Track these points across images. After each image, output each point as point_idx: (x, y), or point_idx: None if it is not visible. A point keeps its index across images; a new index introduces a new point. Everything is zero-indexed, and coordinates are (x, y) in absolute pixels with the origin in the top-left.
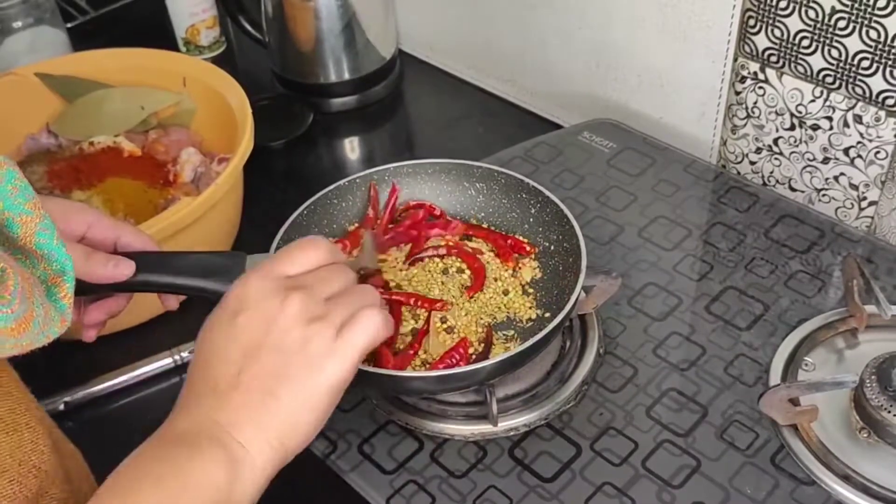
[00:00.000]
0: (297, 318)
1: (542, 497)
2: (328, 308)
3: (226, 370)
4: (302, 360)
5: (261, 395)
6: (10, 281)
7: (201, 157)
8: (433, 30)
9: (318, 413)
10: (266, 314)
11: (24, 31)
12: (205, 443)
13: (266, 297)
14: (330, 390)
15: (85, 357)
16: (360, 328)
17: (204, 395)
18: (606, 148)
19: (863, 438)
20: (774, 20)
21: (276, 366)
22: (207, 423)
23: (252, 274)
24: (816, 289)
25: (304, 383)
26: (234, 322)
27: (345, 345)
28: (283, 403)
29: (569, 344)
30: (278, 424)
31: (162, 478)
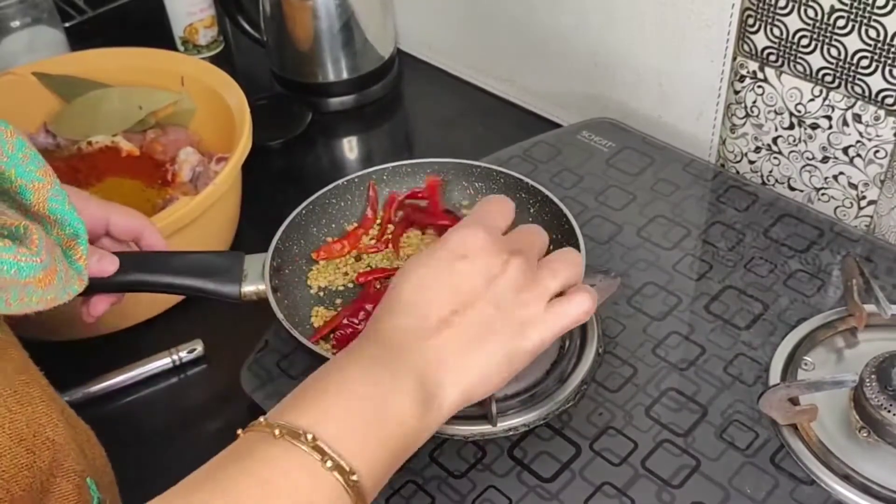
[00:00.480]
0: (516, 282)
1: (541, 497)
2: (542, 276)
3: (439, 306)
4: (512, 321)
5: (468, 341)
6: (35, 235)
7: (199, 157)
8: (432, 29)
9: (509, 372)
10: (489, 269)
11: (21, 30)
12: (405, 377)
13: (490, 252)
14: (528, 353)
15: (83, 357)
16: (570, 307)
17: (409, 327)
18: (605, 147)
19: (863, 438)
20: (773, 19)
21: (489, 319)
22: (410, 356)
23: (475, 225)
24: (816, 288)
25: (510, 341)
26: (454, 265)
27: (553, 318)
28: (484, 355)
29: (568, 343)
30: (474, 374)
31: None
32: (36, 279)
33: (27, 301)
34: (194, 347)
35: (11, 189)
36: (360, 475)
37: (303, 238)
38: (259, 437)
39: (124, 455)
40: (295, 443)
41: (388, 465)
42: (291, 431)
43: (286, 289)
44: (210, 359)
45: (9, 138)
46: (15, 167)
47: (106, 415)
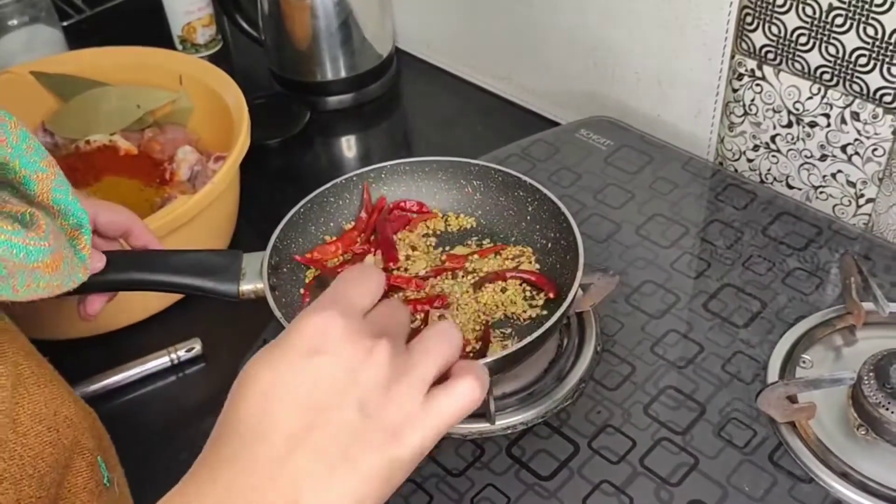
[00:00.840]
0: (385, 374)
1: (539, 495)
2: (414, 361)
3: (291, 423)
4: (384, 425)
5: (331, 461)
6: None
7: (198, 156)
8: (430, 27)
9: (389, 488)
10: (350, 363)
11: (19, 29)
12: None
13: (351, 339)
14: (408, 463)
15: (81, 356)
16: (453, 399)
17: (252, 453)
18: (603, 145)
19: (861, 436)
20: (771, 17)
21: (355, 427)
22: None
23: (329, 309)
24: (814, 286)
25: (382, 452)
26: (308, 364)
27: (434, 416)
28: (355, 474)
29: (566, 342)
30: (349, 494)
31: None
32: (44, 264)
33: (34, 287)
34: (192, 346)
35: (15, 180)
36: None
37: (301, 236)
38: None
39: (122, 453)
40: None
41: None
42: None
43: (284, 287)
44: (208, 357)
45: (13, 129)
46: (19, 158)
47: (104, 413)
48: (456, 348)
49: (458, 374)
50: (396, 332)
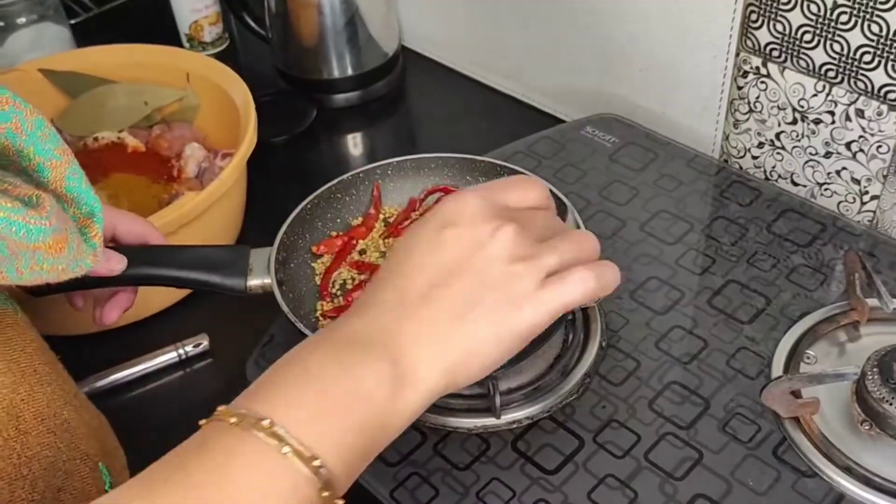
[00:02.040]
0: (507, 251)
1: (544, 489)
2: (539, 249)
3: (419, 280)
4: (500, 295)
5: (449, 315)
6: (46, 203)
7: (205, 153)
8: (436, 25)
9: (499, 352)
10: (476, 236)
11: (27, 27)
12: (377, 352)
13: (480, 218)
14: (519, 333)
15: (88, 352)
16: (568, 284)
17: (389, 300)
18: (609, 143)
19: (864, 431)
20: (776, 14)
21: (473, 291)
22: (386, 330)
23: (470, 192)
24: (818, 282)
25: (496, 317)
26: (440, 234)
27: (548, 295)
28: (468, 330)
29: (571, 337)
30: (456, 351)
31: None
32: (45, 244)
33: (38, 269)
34: (200, 342)
35: (30, 167)
36: (324, 461)
37: (308, 232)
38: (217, 428)
39: (130, 449)
40: (251, 430)
41: (359, 450)
42: (249, 418)
43: (291, 282)
44: (216, 353)
45: (28, 117)
46: (34, 145)
47: (112, 408)
48: (587, 253)
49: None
50: (531, 225)
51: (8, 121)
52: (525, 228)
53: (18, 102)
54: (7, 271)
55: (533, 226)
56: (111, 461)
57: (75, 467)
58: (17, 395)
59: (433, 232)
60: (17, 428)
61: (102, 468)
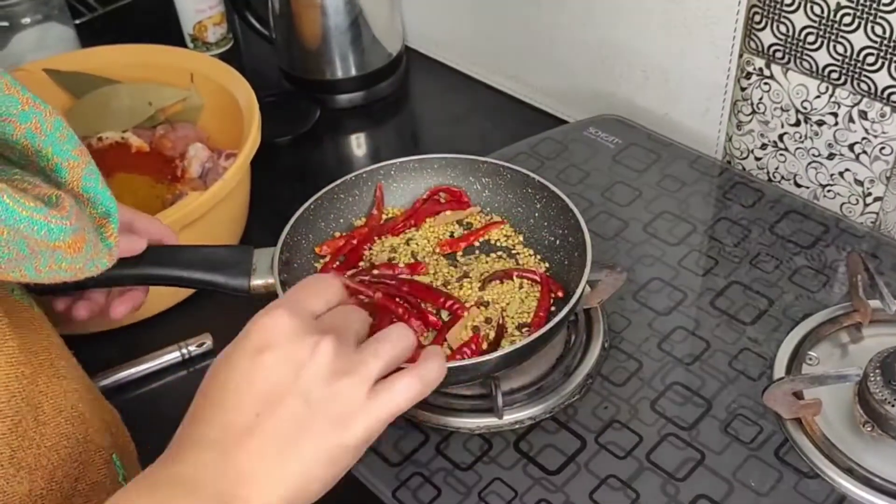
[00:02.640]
0: (329, 368)
1: (546, 489)
2: (362, 358)
3: (242, 411)
4: (328, 415)
5: (278, 446)
6: (66, 203)
7: (209, 153)
8: (439, 26)
9: (336, 471)
10: (295, 357)
11: (32, 27)
12: (206, 497)
13: (296, 337)
14: (353, 450)
15: (93, 351)
16: (395, 393)
17: (212, 439)
18: (612, 143)
19: (866, 432)
20: (780, 16)
21: (299, 415)
22: (212, 472)
23: (279, 308)
24: (821, 284)
25: (327, 439)
26: (257, 360)
27: (377, 406)
28: (300, 458)
29: (574, 338)
30: (291, 481)
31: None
32: (65, 243)
33: (56, 268)
34: (203, 341)
35: (48, 167)
36: None
37: (311, 232)
38: None
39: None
40: None
41: None
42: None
43: (295, 283)
44: (218, 352)
45: (48, 118)
46: (52, 145)
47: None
48: (405, 350)
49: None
50: (347, 331)
51: (28, 121)
52: (341, 335)
53: (38, 103)
54: (26, 269)
55: (348, 329)
56: (124, 454)
57: (90, 458)
58: (36, 387)
59: (249, 358)
60: (37, 419)
61: (116, 460)
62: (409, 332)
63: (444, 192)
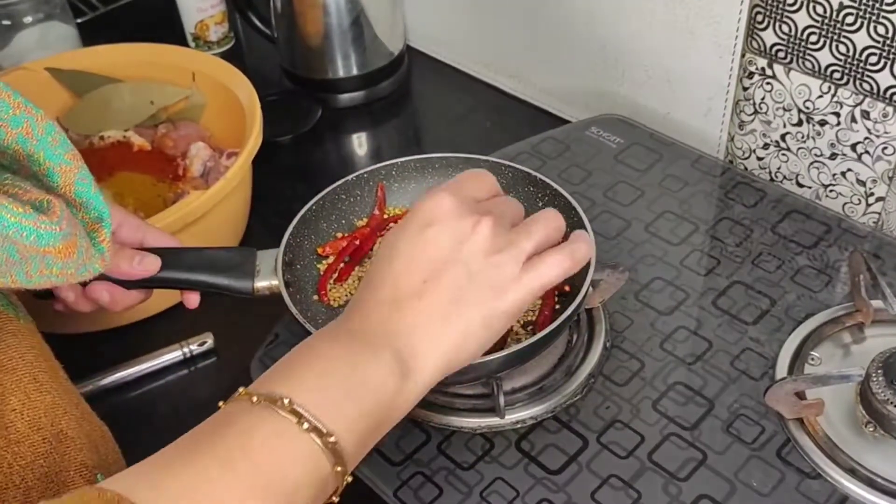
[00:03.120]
0: (487, 242)
1: (548, 489)
2: (516, 236)
3: (410, 277)
4: (486, 282)
5: (442, 307)
6: (57, 208)
7: (210, 152)
8: (441, 25)
9: (490, 334)
10: (458, 231)
11: (34, 26)
12: (380, 347)
13: (459, 215)
14: (506, 315)
15: (94, 350)
16: (546, 267)
17: (383, 300)
18: (613, 143)
19: (868, 432)
20: (782, 16)
21: (461, 282)
22: (385, 327)
23: (443, 190)
24: (823, 284)
25: (485, 304)
26: (423, 232)
27: (529, 278)
28: (461, 319)
29: (576, 337)
30: (451, 339)
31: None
32: (55, 249)
33: (47, 273)
34: (205, 340)
35: (40, 171)
36: (338, 437)
37: (313, 233)
38: (238, 407)
39: (134, 447)
40: (272, 408)
41: (368, 430)
42: (269, 398)
43: (298, 284)
44: (220, 352)
45: (39, 122)
46: (44, 150)
47: (117, 407)
48: (556, 230)
49: (552, 249)
50: (503, 215)
51: (19, 125)
52: (499, 218)
53: (30, 107)
54: (17, 275)
55: (504, 214)
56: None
57: (70, 478)
58: (8, 404)
59: (417, 231)
60: (8, 438)
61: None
62: (559, 216)
63: None
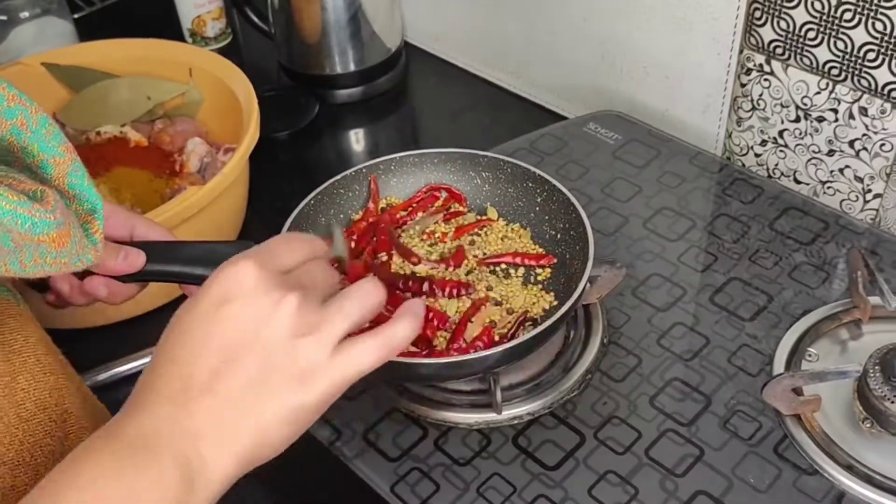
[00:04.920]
0: (292, 324)
1: (545, 485)
2: (326, 315)
3: (200, 368)
4: (289, 372)
5: (236, 403)
6: (51, 198)
7: (207, 148)
8: (438, 21)
9: (295, 430)
10: (257, 310)
11: (31, 21)
12: (163, 453)
13: (260, 290)
14: (314, 409)
15: (89, 346)
16: (360, 354)
17: (170, 394)
18: (612, 139)
19: (865, 429)
20: (780, 12)
21: (259, 372)
22: (169, 428)
23: (246, 259)
24: (820, 280)
25: (287, 398)
26: (218, 312)
27: (339, 366)
28: (259, 416)
29: (573, 333)
30: (248, 437)
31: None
32: (49, 237)
33: (41, 262)
34: None
35: (33, 164)
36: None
37: (311, 228)
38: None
39: None
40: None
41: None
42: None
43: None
44: None
45: (33, 114)
46: (38, 142)
47: (114, 402)
48: (371, 308)
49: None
50: (314, 288)
51: (13, 117)
52: (308, 292)
53: (24, 100)
54: (11, 264)
55: (314, 285)
56: None
57: None
58: (17, 384)
59: (211, 309)
60: (19, 415)
61: None
62: (378, 289)
63: (444, 191)
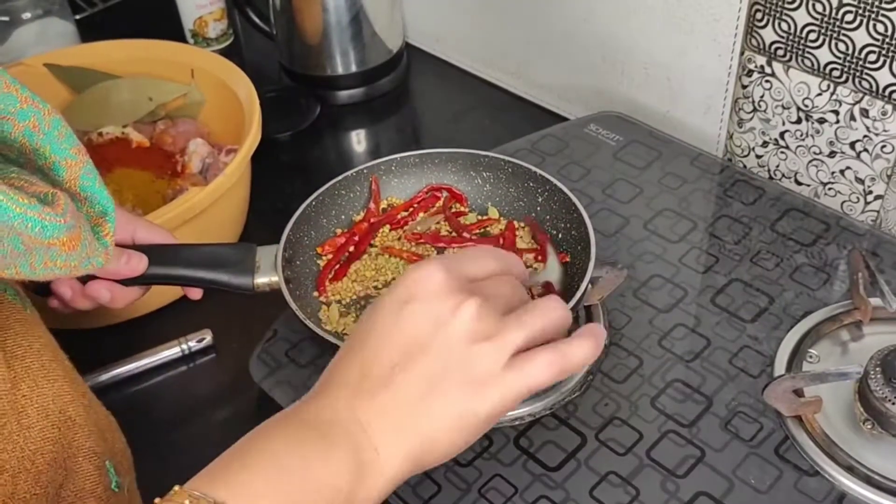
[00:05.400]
0: (470, 329)
1: (546, 486)
2: (504, 325)
3: (380, 362)
4: (463, 377)
5: (410, 400)
6: (61, 201)
7: (209, 148)
8: (440, 22)
9: (465, 437)
10: (437, 312)
11: (32, 22)
12: (338, 439)
13: (442, 293)
14: (484, 419)
15: (92, 346)
16: (535, 368)
17: (350, 384)
18: (613, 141)
19: (866, 430)
20: (781, 13)
21: (435, 372)
22: (347, 416)
23: (434, 263)
24: (821, 282)
25: (460, 403)
26: (402, 309)
27: (513, 378)
28: (431, 416)
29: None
30: (419, 437)
31: (283, 466)
32: (60, 241)
33: (51, 265)
34: (203, 336)
35: (45, 165)
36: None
37: (313, 229)
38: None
39: (134, 443)
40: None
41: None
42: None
43: (297, 280)
44: (219, 348)
45: (46, 117)
46: (50, 144)
47: (116, 402)
48: (552, 324)
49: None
50: (496, 297)
51: (26, 119)
52: (489, 301)
53: (37, 101)
54: (21, 266)
55: (497, 296)
56: (118, 460)
57: (78, 465)
58: (19, 391)
59: (395, 306)
60: (20, 422)
61: (109, 466)
62: (562, 308)
63: (445, 191)
